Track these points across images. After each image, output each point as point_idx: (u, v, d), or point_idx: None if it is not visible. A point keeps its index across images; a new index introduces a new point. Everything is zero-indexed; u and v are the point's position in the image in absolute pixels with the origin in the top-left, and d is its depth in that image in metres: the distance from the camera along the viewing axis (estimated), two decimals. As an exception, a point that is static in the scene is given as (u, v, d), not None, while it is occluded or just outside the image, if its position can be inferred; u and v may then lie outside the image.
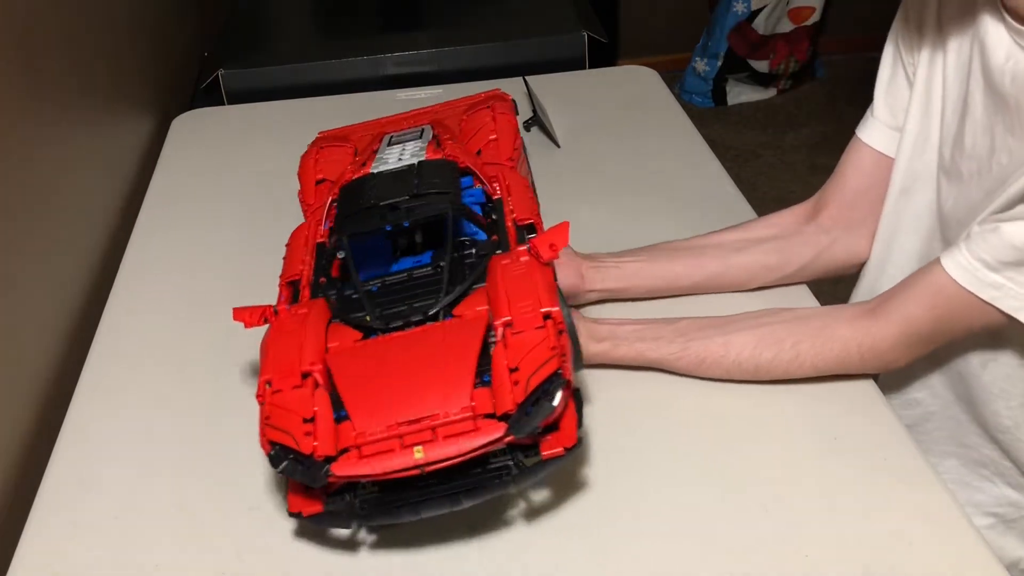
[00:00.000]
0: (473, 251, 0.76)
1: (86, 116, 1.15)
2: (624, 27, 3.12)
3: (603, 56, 1.52)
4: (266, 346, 0.70)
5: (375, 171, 0.85)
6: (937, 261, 0.76)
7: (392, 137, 0.96)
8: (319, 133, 1.08)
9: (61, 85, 1.08)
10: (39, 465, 0.81)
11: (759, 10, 2.86)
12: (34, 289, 0.95)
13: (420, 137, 0.93)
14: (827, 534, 0.71)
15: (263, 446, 0.65)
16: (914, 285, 0.78)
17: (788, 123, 1.08)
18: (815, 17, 2.93)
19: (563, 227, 0.71)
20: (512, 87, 1.33)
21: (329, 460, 0.63)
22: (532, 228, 0.81)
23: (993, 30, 0.75)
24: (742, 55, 2.95)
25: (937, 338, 0.78)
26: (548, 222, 0.76)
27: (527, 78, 1.32)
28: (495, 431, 0.62)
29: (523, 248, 0.72)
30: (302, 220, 1.09)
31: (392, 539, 0.72)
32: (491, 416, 0.63)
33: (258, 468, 0.78)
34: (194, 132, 1.33)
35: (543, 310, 0.66)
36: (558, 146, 1.22)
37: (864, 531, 0.71)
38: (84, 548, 0.73)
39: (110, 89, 1.25)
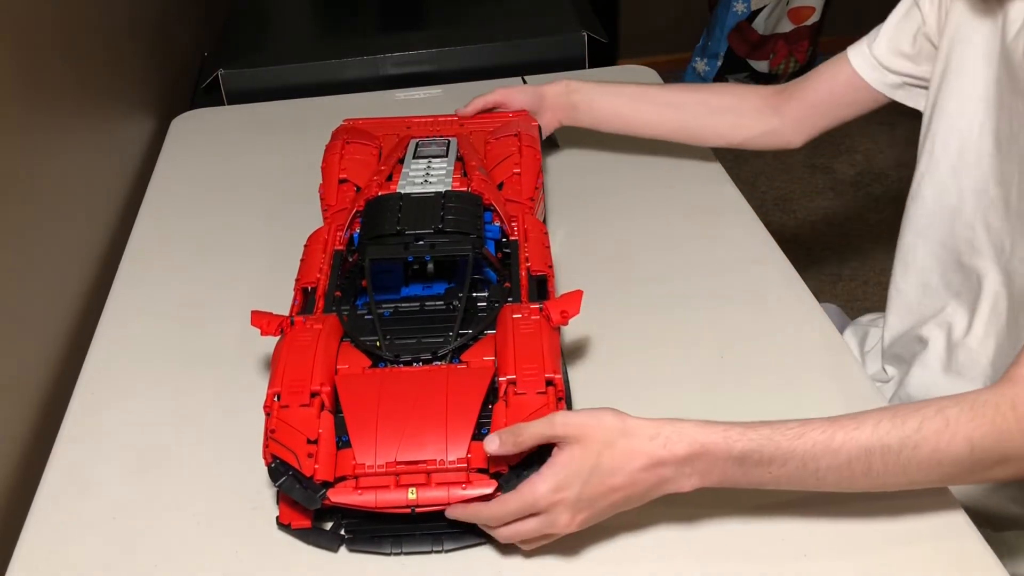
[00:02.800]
0: (486, 294, 0.80)
1: (86, 116, 1.15)
2: (624, 27, 3.12)
3: (603, 56, 1.52)
4: (278, 358, 0.72)
5: (401, 191, 0.87)
6: None
7: (418, 146, 0.97)
8: (344, 121, 1.08)
9: (61, 85, 1.08)
10: (38, 465, 0.81)
11: (759, 10, 2.86)
12: (34, 289, 0.95)
13: (446, 154, 0.95)
14: (826, 533, 0.71)
15: (264, 457, 0.68)
16: None
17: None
18: (815, 17, 2.93)
19: (576, 296, 0.74)
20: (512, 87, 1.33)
21: (327, 485, 0.66)
22: (544, 281, 0.84)
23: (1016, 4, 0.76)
24: (742, 55, 2.95)
25: None
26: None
27: (526, 78, 1.32)
28: (486, 487, 0.66)
29: (535, 307, 0.75)
30: (301, 220, 1.09)
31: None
32: (484, 471, 0.67)
33: (258, 468, 0.78)
34: (194, 132, 1.33)
35: (547, 376, 0.69)
36: (557, 146, 1.22)
37: (864, 531, 0.71)
38: (83, 548, 0.73)
39: (110, 89, 1.25)
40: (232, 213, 1.14)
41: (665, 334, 0.91)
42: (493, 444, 0.66)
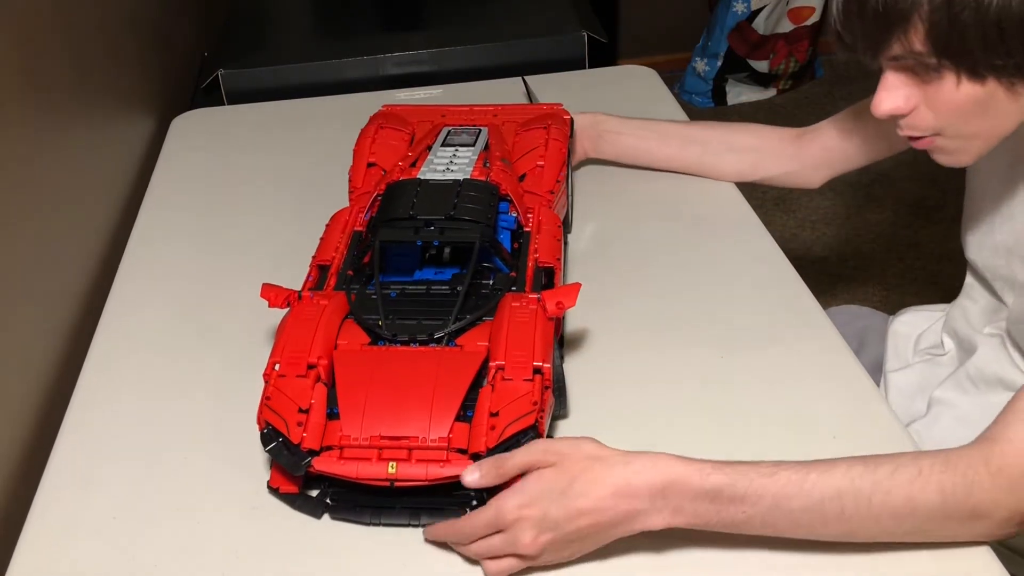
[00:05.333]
0: (490, 283, 0.81)
1: (86, 116, 1.15)
2: (624, 27, 3.12)
3: (603, 56, 1.52)
4: (282, 329, 0.75)
5: (422, 177, 0.89)
6: None
7: (449, 133, 0.99)
8: (383, 107, 1.10)
9: (61, 85, 1.08)
10: (39, 465, 0.81)
11: (759, 10, 2.86)
12: (34, 288, 0.95)
13: (474, 143, 0.96)
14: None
15: (258, 423, 0.71)
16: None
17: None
18: (815, 17, 2.93)
19: (574, 288, 0.75)
20: (512, 87, 1.34)
21: (313, 453, 0.69)
22: (550, 272, 0.85)
23: None
24: (742, 55, 2.95)
25: None
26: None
27: (525, 78, 1.32)
28: (463, 466, 0.68)
29: (534, 296, 0.77)
30: (302, 220, 1.09)
31: (393, 541, 0.72)
32: (463, 452, 0.69)
33: (258, 468, 0.79)
34: (194, 132, 1.33)
35: (535, 364, 0.71)
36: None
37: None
38: (84, 548, 0.73)
39: (110, 89, 1.25)
40: (232, 213, 1.14)
41: (665, 333, 0.91)
42: (473, 476, 0.67)
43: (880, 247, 2.31)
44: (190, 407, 0.86)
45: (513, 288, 0.81)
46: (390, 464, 0.68)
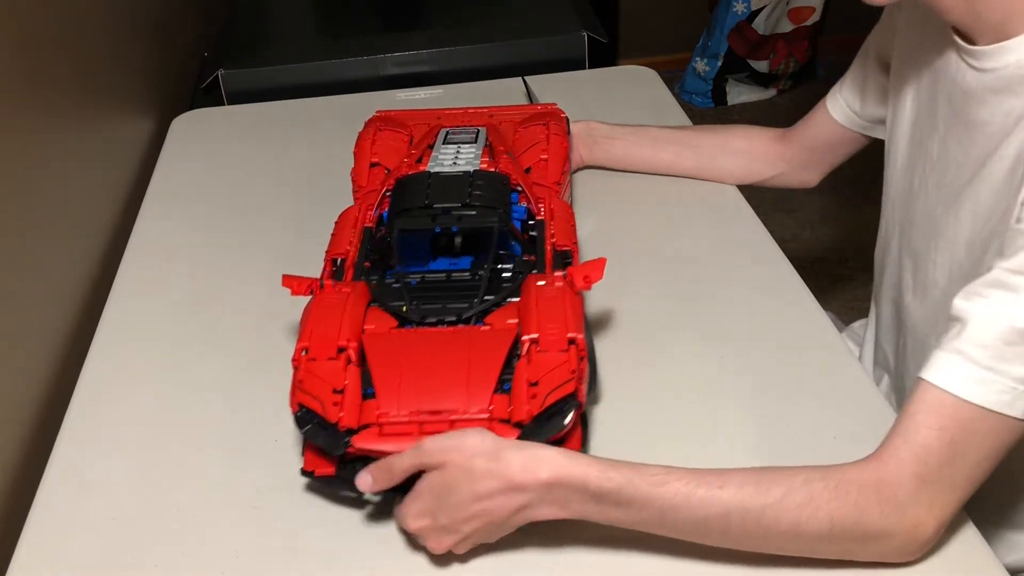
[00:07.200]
0: (510, 266, 0.82)
1: (86, 116, 1.15)
2: (624, 27, 3.12)
3: (603, 56, 1.52)
4: (308, 316, 0.75)
5: (431, 170, 0.89)
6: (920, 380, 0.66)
7: (448, 133, 0.99)
8: (377, 111, 1.10)
9: (61, 85, 1.08)
10: (38, 465, 0.81)
11: (759, 10, 2.86)
12: (34, 289, 0.95)
13: (475, 141, 0.97)
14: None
15: (292, 406, 0.70)
16: (910, 414, 0.66)
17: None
18: (815, 17, 2.93)
19: (600, 262, 0.76)
20: (512, 87, 1.34)
21: (351, 432, 0.68)
22: (568, 255, 0.85)
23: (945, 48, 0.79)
24: (742, 55, 2.95)
25: (959, 471, 0.64)
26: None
27: (525, 78, 1.32)
28: (509, 435, 0.67)
29: (559, 274, 0.78)
30: (302, 219, 1.10)
31: (393, 541, 0.72)
32: (505, 422, 0.68)
33: (258, 468, 0.79)
34: (194, 132, 1.33)
35: (569, 335, 0.71)
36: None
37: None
38: (83, 548, 0.73)
39: (110, 89, 1.25)
40: (232, 213, 1.14)
41: (665, 333, 0.91)
42: (366, 481, 0.68)
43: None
44: (190, 407, 0.86)
45: (533, 271, 0.81)
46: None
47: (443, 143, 0.97)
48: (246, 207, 1.15)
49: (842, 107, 1.01)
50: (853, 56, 0.99)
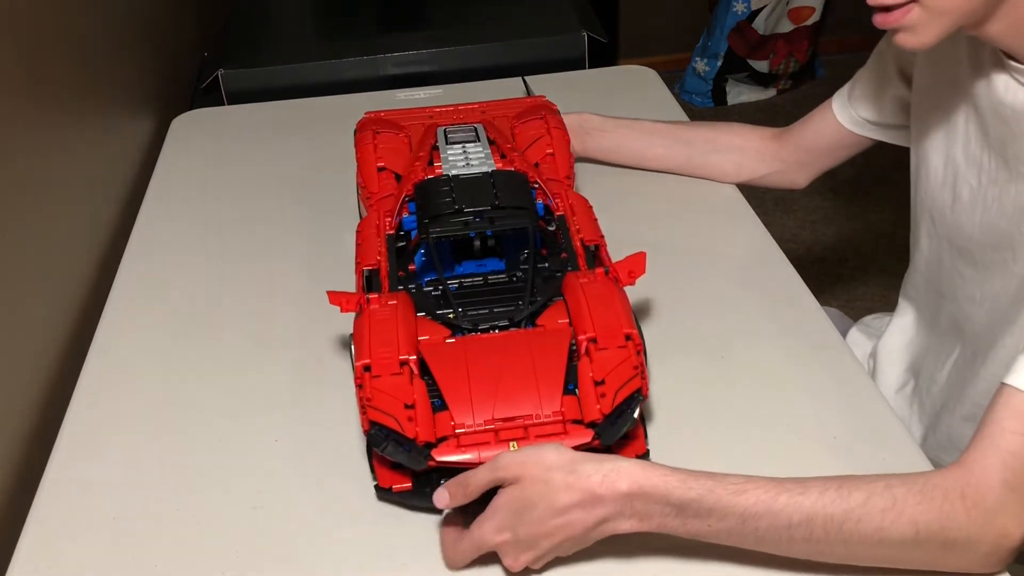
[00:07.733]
0: (547, 265, 0.82)
1: (86, 116, 1.15)
2: (624, 27, 3.12)
3: (603, 56, 1.52)
4: (362, 332, 0.74)
5: (448, 173, 0.89)
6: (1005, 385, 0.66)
7: (447, 133, 0.98)
8: (366, 113, 1.08)
9: (61, 85, 1.08)
10: (38, 465, 0.81)
11: (759, 10, 2.86)
12: (34, 289, 0.95)
13: (477, 139, 0.96)
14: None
15: (363, 425, 0.70)
16: (996, 420, 0.65)
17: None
18: (815, 17, 2.93)
19: (640, 257, 0.78)
20: (512, 87, 1.34)
21: (430, 446, 0.69)
22: (596, 249, 0.86)
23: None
24: (742, 55, 2.95)
25: None
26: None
27: (525, 78, 1.32)
28: (584, 436, 0.69)
29: (600, 270, 0.79)
30: (302, 220, 1.09)
31: (394, 541, 0.72)
32: (578, 423, 0.70)
33: (258, 468, 0.79)
34: (194, 132, 1.33)
35: (625, 331, 0.72)
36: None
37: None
38: (83, 548, 0.73)
39: (110, 89, 1.25)
40: (232, 213, 1.14)
41: (665, 333, 0.91)
42: (443, 498, 0.67)
43: (880, 247, 2.31)
44: (190, 406, 0.86)
45: (569, 268, 0.81)
46: (511, 444, 0.68)
47: (447, 143, 0.97)
48: (246, 207, 1.15)
49: (851, 112, 1.01)
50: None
